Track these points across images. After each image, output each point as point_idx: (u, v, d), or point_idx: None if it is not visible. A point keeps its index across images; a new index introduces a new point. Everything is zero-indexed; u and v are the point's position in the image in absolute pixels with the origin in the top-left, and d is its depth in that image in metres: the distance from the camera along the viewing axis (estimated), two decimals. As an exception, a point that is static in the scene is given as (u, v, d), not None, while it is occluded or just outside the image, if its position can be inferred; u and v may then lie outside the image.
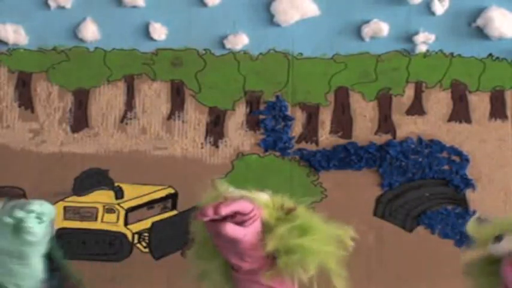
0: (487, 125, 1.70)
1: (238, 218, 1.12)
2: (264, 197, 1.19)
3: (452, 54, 1.68)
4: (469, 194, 1.69)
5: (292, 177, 1.71)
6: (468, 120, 1.70)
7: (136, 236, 1.72)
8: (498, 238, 1.10)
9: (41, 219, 1.04)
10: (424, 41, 1.67)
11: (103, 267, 1.37)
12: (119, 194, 1.71)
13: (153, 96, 1.71)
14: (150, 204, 1.71)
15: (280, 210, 1.19)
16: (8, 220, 1.04)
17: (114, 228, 1.72)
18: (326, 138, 1.70)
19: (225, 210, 1.12)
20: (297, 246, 1.17)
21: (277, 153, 1.71)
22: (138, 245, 1.72)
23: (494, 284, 1.12)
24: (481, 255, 1.14)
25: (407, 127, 1.70)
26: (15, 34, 1.68)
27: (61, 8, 1.67)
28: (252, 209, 1.15)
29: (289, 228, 1.16)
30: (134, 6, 1.67)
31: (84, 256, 1.70)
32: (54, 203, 1.70)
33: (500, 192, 1.70)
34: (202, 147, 1.71)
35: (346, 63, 1.68)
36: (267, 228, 1.16)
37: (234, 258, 1.17)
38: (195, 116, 1.71)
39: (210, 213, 1.12)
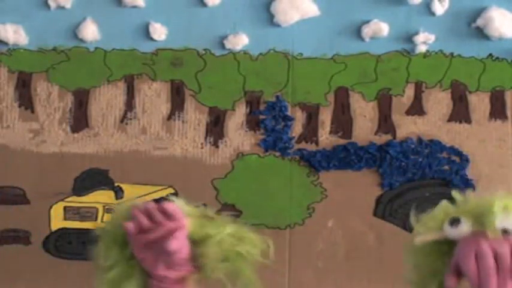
0: (487, 125, 1.70)
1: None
2: (183, 206, 1.21)
3: (452, 54, 1.68)
4: (469, 194, 1.69)
5: (292, 177, 1.71)
6: (468, 120, 1.70)
7: (136, 236, 1.72)
8: (455, 221, 1.13)
9: None
10: (424, 41, 1.67)
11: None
12: (119, 194, 1.71)
13: (153, 96, 1.71)
14: (150, 204, 1.71)
15: (201, 217, 1.21)
16: None
17: (114, 228, 1.71)
18: (326, 138, 1.71)
19: (166, 209, 1.16)
20: (233, 254, 1.19)
21: (277, 153, 1.71)
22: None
23: (440, 264, 1.15)
24: (432, 237, 1.16)
25: (407, 127, 1.70)
26: (15, 34, 1.68)
27: (61, 8, 1.67)
28: (178, 211, 1.18)
29: (225, 235, 1.18)
30: (134, 6, 1.67)
31: (84, 256, 1.70)
32: (54, 203, 1.71)
33: (501, 192, 1.70)
34: (202, 147, 1.71)
35: (346, 63, 1.68)
36: (194, 237, 1.19)
37: (161, 270, 1.18)
38: (195, 116, 1.71)
39: (159, 235, 1.15)
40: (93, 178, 1.72)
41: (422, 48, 1.67)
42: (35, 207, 1.71)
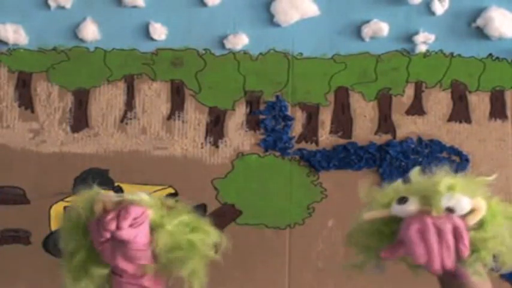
0: (487, 125, 1.70)
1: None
2: (144, 196, 1.21)
3: (452, 54, 1.68)
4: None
5: (292, 177, 1.71)
6: (468, 120, 1.70)
7: (136, 236, 1.72)
8: (403, 200, 1.15)
9: None
10: (424, 41, 1.67)
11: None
12: (119, 194, 1.71)
13: (153, 96, 1.71)
14: (150, 204, 1.71)
15: (161, 207, 1.22)
16: None
17: (114, 228, 1.71)
18: (326, 138, 1.71)
19: (126, 223, 1.16)
20: (185, 242, 1.20)
21: (277, 153, 1.71)
22: (138, 245, 1.71)
23: (384, 242, 1.18)
24: (380, 214, 1.19)
25: (407, 127, 1.70)
26: (15, 34, 1.68)
27: (61, 8, 1.67)
28: (143, 211, 1.18)
29: (177, 223, 1.19)
30: (134, 6, 1.67)
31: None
32: (54, 203, 1.71)
33: (500, 192, 1.68)
34: (202, 147, 1.71)
35: (346, 63, 1.68)
36: (154, 227, 1.19)
37: (120, 262, 1.19)
38: (195, 116, 1.71)
39: (113, 227, 1.15)
40: (93, 178, 1.71)
41: (422, 48, 1.67)
42: (35, 207, 1.71)
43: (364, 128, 1.71)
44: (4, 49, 1.70)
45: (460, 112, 1.70)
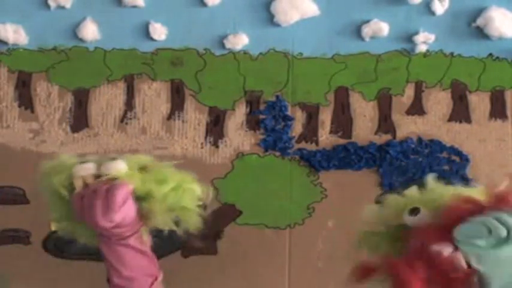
0: (487, 125, 1.70)
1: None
2: (121, 167, 1.23)
3: (452, 54, 1.68)
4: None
5: (292, 177, 1.71)
6: (468, 120, 1.70)
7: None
8: (415, 210, 1.15)
9: None
10: (424, 40, 1.67)
11: (103, 267, 1.37)
12: (119, 194, 1.71)
13: (153, 96, 1.71)
14: (150, 204, 1.71)
15: (142, 172, 1.23)
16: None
17: (114, 228, 1.71)
18: (326, 138, 1.71)
19: (115, 215, 1.19)
20: (177, 207, 1.25)
21: (277, 153, 1.71)
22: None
23: (395, 250, 1.18)
24: (388, 225, 1.20)
25: (407, 127, 1.70)
26: (15, 34, 1.68)
27: (61, 8, 1.67)
28: (126, 192, 1.19)
29: (164, 192, 1.23)
30: (134, 6, 1.67)
31: (85, 256, 1.70)
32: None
33: (500, 192, 1.70)
34: (202, 147, 1.71)
35: (346, 63, 1.68)
36: (138, 194, 1.22)
37: (107, 232, 1.22)
38: (195, 116, 1.71)
39: (104, 223, 1.19)
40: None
41: (422, 48, 1.67)
42: (35, 207, 1.71)
43: (364, 128, 1.71)
44: (4, 49, 1.70)
45: (460, 112, 1.70)
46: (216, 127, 1.71)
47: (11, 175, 1.71)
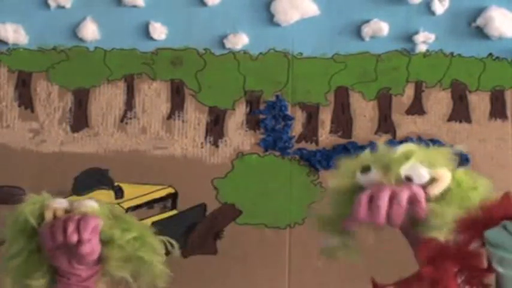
0: (487, 124, 1.70)
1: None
2: (93, 205, 1.24)
3: (452, 54, 1.68)
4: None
5: (292, 177, 1.71)
6: (468, 120, 1.70)
7: (136, 236, 1.72)
8: (366, 168, 1.16)
9: None
10: (424, 40, 1.67)
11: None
12: (119, 193, 1.71)
13: (153, 96, 1.71)
14: (150, 204, 1.71)
15: (110, 217, 1.24)
16: None
17: (114, 228, 1.71)
18: (326, 137, 1.70)
19: (87, 234, 1.19)
20: (135, 257, 1.24)
21: (277, 153, 1.71)
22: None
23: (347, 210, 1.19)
24: (344, 182, 1.22)
25: (407, 127, 1.70)
26: (15, 34, 1.68)
27: (61, 7, 1.67)
28: (97, 223, 1.20)
29: (128, 239, 1.23)
30: (134, 6, 1.67)
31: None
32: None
33: (500, 192, 1.69)
34: (202, 147, 1.71)
35: (346, 63, 1.68)
36: (102, 237, 1.22)
37: (69, 267, 1.21)
38: (195, 116, 1.71)
39: (75, 239, 1.18)
40: (93, 178, 1.72)
41: (422, 48, 1.67)
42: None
43: (364, 127, 1.70)
44: (4, 49, 1.70)
45: (460, 112, 1.70)
46: (216, 127, 1.71)
47: (11, 175, 1.71)
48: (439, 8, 1.65)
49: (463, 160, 1.70)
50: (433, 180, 1.16)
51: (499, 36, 1.65)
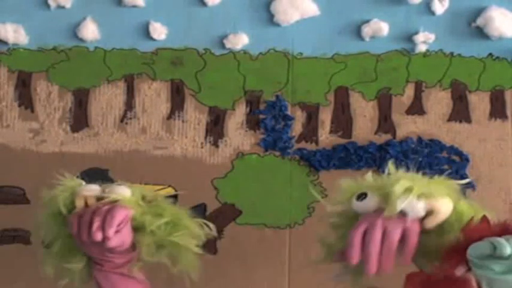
0: (487, 124, 1.70)
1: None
2: (125, 192, 1.22)
3: (452, 54, 1.68)
4: (469, 194, 1.69)
5: (292, 177, 1.71)
6: (468, 120, 1.70)
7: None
8: (362, 196, 1.14)
9: None
10: (424, 40, 1.67)
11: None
12: (119, 193, 1.70)
13: (153, 96, 1.71)
14: (150, 204, 1.71)
15: (143, 202, 1.23)
16: None
17: (114, 228, 1.71)
18: (326, 137, 1.71)
19: (112, 231, 1.16)
20: (168, 242, 1.22)
21: (277, 153, 1.71)
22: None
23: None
24: (340, 208, 1.19)
25: (407, 127, 1.70)
26: (15, 34, 1.68)
27: (61, 7, 1.67)
28: (126, 214, 1.18)
29: (159, 225, 1.21)
30: (134, 6, 1.67)
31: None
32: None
33: (500, 192, 1.70)
34: (202, 147, 1.71)
35: (346, 63, 1.68)
36: (134, 224, 1.20)
37: (103, 256, 1.21)
38: (195, 116, 1.71)
39: (99, 237, 1.15)
40: (93, 178, 1.71)
41: (422, 48, 1.67)
42: (35, 207, 1.70)
43: (364, 127, 1.70)
44: (4, 49, 1.70)
45: (460, 112, 1.70)
46: (216, 127, 1.71)
47: (11, 175, 1.71)
48: (439, 8, 1.65)
49: (463, 160, 1.70)
50: (430, 213, 1.13)
51: (499, 36, 1.65)
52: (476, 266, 1.04)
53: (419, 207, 1.12)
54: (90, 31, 1.68)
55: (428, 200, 1.13)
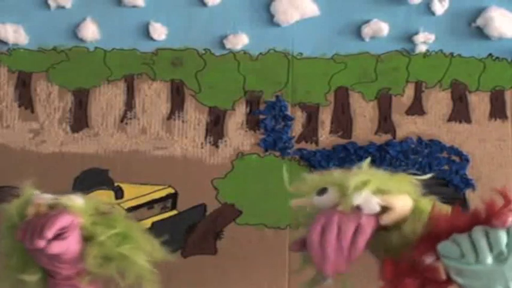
0: (487, 125, 1.70)
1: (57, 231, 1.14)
2: (77, 201, 1.20)
3: (452, 54, 1.68)
4: (469, 194, 1.69)
5: (292, 177, 1.70)
6: (468, 120, 1.70)
7: (136, 236, 1.72)
8: (322, 191, 1.13)
9: None
10: (424, 41, 1.67)
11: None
12: (119, 194, 1.71)
13: (153, 96, 1.71)
14: (150, 204, 1.71)
15: (95, 214, 1.21)
16: None
17: (114, 228, 1.71)
18: (326, 138, 1.71)
19: (50, 233, 1.13)
20: (116, 254, 1.19)
21: (277, 153, 1.71)
22: (138, 245, 1.71)
23: None
24: (302, 203, 1.19)
25: (407, 127, 1.70)
26: (15, 34, 1.68)
27: (61, 8, 1.67)
28: (72, 220, 1.16)
29: (109, 236, 1.18)
30: (134, 6, 1.67)
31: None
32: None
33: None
34: (202, 147, 1.71)
35: (346, 63, 1.68)
36: (84, 234, 1.18)
37: (52, 266, 1.18)
38: (195, 116, 1.71)
39: (39, 244, 1.12)
40: (93, 178, 1.72)
41: (422, 48, 1.67)
42: (34, 207, 1.70)
43: (364, 128, 1.70)
44: (4, 49, 1.70)
45: (460, 112, 1.70)
46: (216, 127, 1.71)
47: (11, 175, 1.71)
48: (439, 8, 1.65)
49: (463, 160, 1.70)
50: (386, 209, 1.12)
51: (498, 37, 1.65)
52: (444, 257, 1.05)
53: (374, 203, 1.11)
54: (90, 31, 1.68)
55: (384, 196, 1.12)
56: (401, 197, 1.14)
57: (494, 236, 1.03)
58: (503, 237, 1.03)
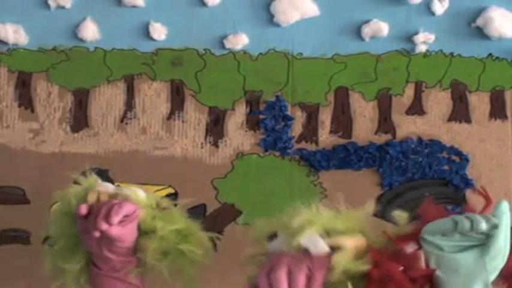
0: (487, 125, 1.70)
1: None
2: (140, 193, 1.19)
3: (452, 54, 1.68)
4: (469, 194, 1.69)
5: (292, 177, 1.71)
6: (468, 120, 1.70)
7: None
8: (273, 236, 1.11)
9: None
10: (424, 41, 1.67)
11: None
12: (119, 193, 1.71)
13: (153, 96, 1.71)
14: (150, 204, 1.71)
15: (155, 208, 1.20)
16: None
17: (114, 228, 1.71)
18: (326, 138, 1.71)
19: (116, 219, 1.13)
20: (174, 250, 1.19)
21: (277, 153, 1.71)
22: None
23: None
24: (256, 251, 1.16)
25: (407, 127, 1.70)
26: (15, 34, 1.68)
27: (61, 8, 1.67)
28: (135, 210, 1.16)
29: (168, 231, 1.18)
30: (134, 6, 1.67)
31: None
32: (54, 203, 1.71)
33: (500, 192, 1.70)
34: (202, 147, 1.71)
35: (346, 63, 1.68)
36: (142, 226, 1.18)
37: (98, 251, 1.17)
38: (195, 116, 1.71)
39: (103, 226, 1.12)
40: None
41: (422, 48, 1.67)
42: (35, 207, 1.71)
43: (364, 128, 1.71)
44: (4, 49, 1.70)
45: (460, 112, 1.70)
46: (216, 127, 1.71)
47: (11, 175, 1.71)
48: (439, 8, 1.65)
49: (463, 160, 1.70)
50: (336, 249, 1.07)
51: (498, 37, 1.65)
52: (425, 243, 1.05)
53: (321, 243, 1.07)
54: (90, 31, 1.68)
55: (332, 236, 1.08)
56: (351, 235, 1.09)
57: (477, 218, 1.03)
58: (483, 223, 1.02)
